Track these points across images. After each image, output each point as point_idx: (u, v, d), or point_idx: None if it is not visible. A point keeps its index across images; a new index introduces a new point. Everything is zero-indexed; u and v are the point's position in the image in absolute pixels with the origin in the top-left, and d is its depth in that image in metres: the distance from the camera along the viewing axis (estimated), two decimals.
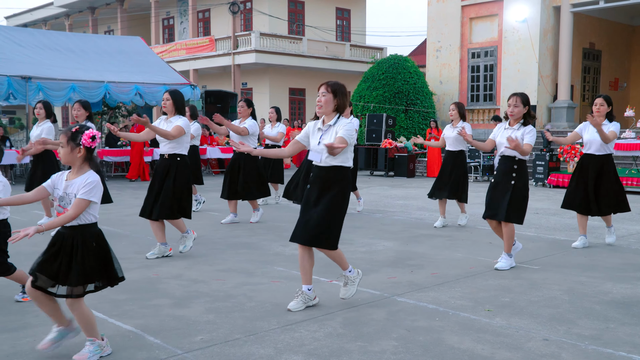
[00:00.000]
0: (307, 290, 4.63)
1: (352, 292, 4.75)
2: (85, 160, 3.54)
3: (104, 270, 3.59)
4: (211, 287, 5.20)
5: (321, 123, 4.65)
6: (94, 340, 3.59)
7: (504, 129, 6.06)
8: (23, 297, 4.82)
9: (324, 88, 4.55)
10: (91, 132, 3.51)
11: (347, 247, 7.01)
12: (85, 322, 3.56)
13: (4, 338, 3.91)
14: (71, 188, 3.50)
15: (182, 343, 3.84)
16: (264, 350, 3.72)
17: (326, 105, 4.54)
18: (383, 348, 3.77)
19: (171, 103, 6.34)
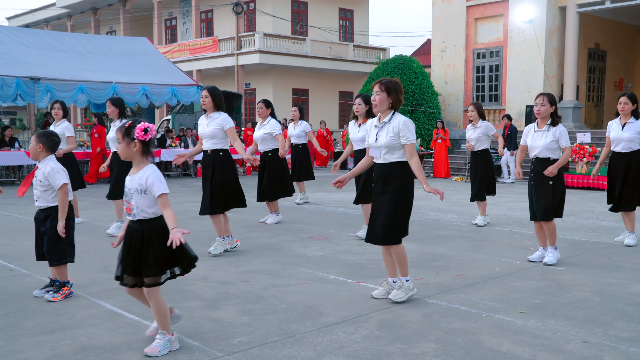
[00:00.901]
0: (393, 282, 4.93)
1: (402, 298, 4.77)
2: (143, 154, 3.64)
3: (176, 259, 3.69)
4: (240, 289, 5.19)
5: (377, 120, 4.76)
6: (165, 334, 3.69)
7: (534, 131, 6.08)
8: (53, 297, 4.82)
9: (377, 87, 4.67)
10: (143, 125, 3.59)
11: (369, 247, 7.01)
12: (159, 313, 3.69)
13: (42, 340, 3.90)
14: (132, 184, 3.63)
15: (221, 345, 3.84)
16: (304, 353, 3.72)
17: (381, 104, 4.66)
18: (423, 350, 3.76)
19: (210, 100, 6.42)
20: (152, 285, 3.66)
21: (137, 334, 4.04)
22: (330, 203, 11.50)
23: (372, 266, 6.10)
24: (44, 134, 4.87)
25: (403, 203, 4.73)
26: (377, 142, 4.72)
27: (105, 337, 3.98)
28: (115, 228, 7.76)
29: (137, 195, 3.62)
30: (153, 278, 3.65)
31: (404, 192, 4.72)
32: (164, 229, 3.64)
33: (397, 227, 4.72)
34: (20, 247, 6.93)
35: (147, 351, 3.65)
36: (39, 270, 5.78)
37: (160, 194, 3.59)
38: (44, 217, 4.88)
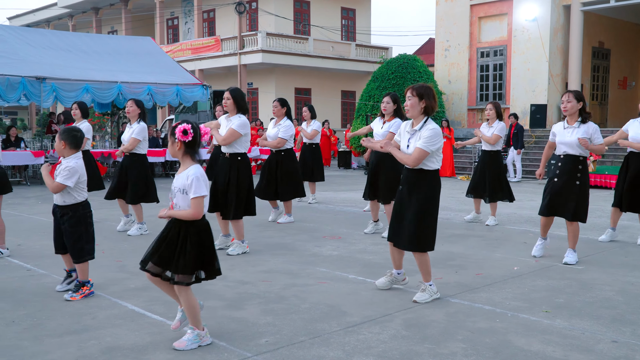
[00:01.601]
0: (397, 273, 5.11)
1: (427, 299, 4.77)
2: (186, 154, 3.69)
3: (205, 263, 3.73)
4: (260, 289, 5.16)
5: (410, 126, 4.75)
6: (194, 328, 3.71)
7: (564, 128, 6.06)
8: (72, 297, 4.79)
9: (409, 92, 4.68)
10: (183, 127, 3.61)
11: (383, 247, 6.98)
12: (190, 310, 3.71)
13: (68, 340, 3.87)
14: (176, 182, 3.70)
15: (249, 345, 3.81)
16: (333, 353, 3.69)
17: (412, 109, 4.65)
18: (452, 350, 3.73)
19: (232, 102, 6.35)
20: (181, 284, 3.67)
21: (162, 334, 4.02)
22: (339, 202, 11.47)
23: (390, 266, 6.03)
24: (65, 130, 4.87)
25: (429, 211, 4.70)
26: (409, 149, 4.72)
27: (130, 337, 3.95)
28: (137, 230, 7.70)
29: (179, 195, 3.69)
30: (183, 276, 3.67)
31: (430, 200, 4.69)
32: (202, 231, 3.71)
33: (424, 236, 4.70)
34: (33, 247, 6.90)
35: (175, 345, 3.69)
36: (57, 270, 5.75)
37: (194, 197, 3.63)
38: (60, 214, 4.86)
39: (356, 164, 23.03)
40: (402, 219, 4.75)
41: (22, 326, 4.14)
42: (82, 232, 4.87)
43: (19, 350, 3.70)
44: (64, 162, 4.81)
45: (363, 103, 22.33)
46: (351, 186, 15.22)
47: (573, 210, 6.00)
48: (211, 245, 3.77)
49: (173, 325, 3.92)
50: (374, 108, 21.68)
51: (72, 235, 4.80)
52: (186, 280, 3.68)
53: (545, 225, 6.33)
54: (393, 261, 5.06)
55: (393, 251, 4.99)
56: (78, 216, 4.83)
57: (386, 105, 7.37)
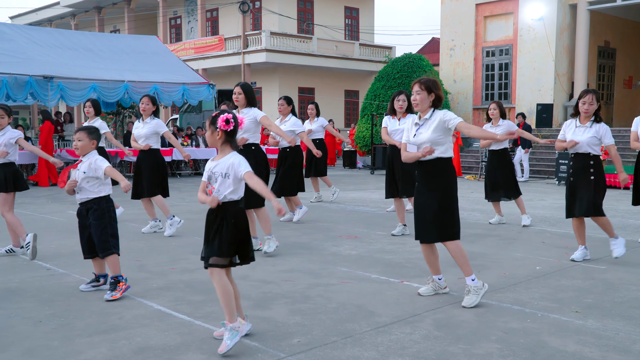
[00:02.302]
0: (438, 279, 4.94)
1: (475, 302, 4.62)
2: (226, 142, 3.78)
3: (240, 248, 3.76)
4: (283, 288, 5.12)
5: (418, 118, 4.74)
6: (226, 323, 3.68)
7: (575, 127, 6.02)
8: (112, 296, 4.75)
9: (417, 87, 4.65)
10: (226, 116, 3.71)
11: (400, 247, 6.96)
12: (225, 299, 3.71)
13: (98, 340, 3.82)
14: (217, 168, 3.74)
15: (281, 346, 3.77)
16: (367, 354, 3.65)
17: (422, 103, 4.66)
18: (487, 351, 3.69)
19: (243, 97, 6.38)
20: (214, 266, 3.70)
21: (192, 334, 3.98)
22: (350, 202, 11.42)
23: (410, 265, 6.03)
24: (95, 129, 4.84)
25: (450, 199, 4.70)
26: (416, 138, 4.70)
27: (160, 337, 3.90)
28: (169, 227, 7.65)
29: (221, 179, 3.73)
30: (217, 258, 3.70)
31: (449, 188, 4.69)
32: (237, 214, 3.76)
33: (451, 224, 4.69)
34: (50, 247, 6.86)
35: (219, 351, 3.63)
36: (76, 269, 5.72)
37: (245, 171, 3.70)
38: (86, 211, 4.83)
39: (361, 164, 22.99)
40: (426, 214, 4.72)
41: (50, 326, 4.10)
42: (107, 224, 4.85)
43: (49, 350, 3.66)
44: (86, 160, 4.77)
45: (368, 102, 22.29)
46: (359, 185, 15.19)
47: (593, 207, 5.96)
48: (246, 230, 3.79)
49: (217, 332, 3.92)
50: (380, 107, 21.64)
51: (98, 228, 4.78)
52: (220, 262, 3.71)
53: (577, 228, 6.23)
54: (429, 265, 4.96)
55: (427, 252, 4.91)
56: (102, 209, 4.82)
57: (402, 104, 7.42)
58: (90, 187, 4.80)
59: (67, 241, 7.19)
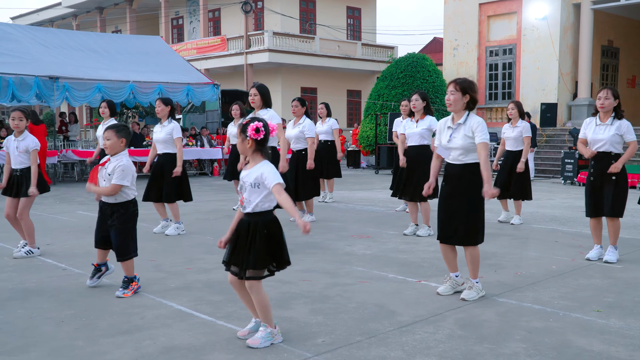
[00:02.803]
0: (455, 276, 4.94)
1: (474, 297, 4.77)
2: (257, 151, 3.71)
3: (276, 255, 3.73)
4: (301, 288, 5.11)
5: (451, 121, 4.74)
6: (267, 326, 3.71)
7: (595, 125, 6.00)
8: (124, 293, 4.76)
9: (452, 86, 4.65)
10: (255, 125, 3.64)
11: (414, 246, 6.95)
12: (261, 306, 3.71)
13: (122, 340, 3.81)
14: (247, 177, 3.69)
15: (306, 345, 3.76)
16: (394, 353, 3.64)
17: (455, 104, 4.63)
18: (514, 350, 3.68)
19: (259, 98, 6.39)
20: (253, 279, 3.67)
21: (216, 334, 3.97)
22: (357, 201, 11.42)
23: (426, 265, 6.02)
24: (123, 127, 4.82)
25: (478, 204, 4.71)
26: (450, 143, 4.71)
27: (184, 337, 3.90)
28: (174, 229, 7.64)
29: (250, 189, 3.68)
30: (254, 271, 3.67)
31: (478, 192, 4.68)
32: (271, 223, 3.72)
33: (476, 229, 4.71)
34: (64, 246, 6.86)
35: (249, 342, 3.69)
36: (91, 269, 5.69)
37: (274, 184, 3.62)
38: (110, 212, 4.81)
39: (365, 163, 22.99)
40: (451, 216, 4.73)
41: (73, 326, 4.09)
42: (131, 229, 4.86)
43: (75, 350, 3.65)
44: (114, 161, 4.76)
45: (372, 102, 22.27)
46: (364, 185, 15.18)
47: (610, 206, 5.94)
48: (280, 236, 3.75)
49: (241, 332, 3.91)
50: (383, 107, 21.63)
51: (122, 233, 4.77)
52: (258, 274, 3.69)
53: (595, 228, 6.23)
54: (447, 263, 4.99)
55: (446, 251, 4.93)
56: (129, 214, 4.82)
57: (415, 103, 7.40)
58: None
59: (81, 241, 7.18)
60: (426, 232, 7.59)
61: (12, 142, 6.24)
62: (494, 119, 22.54)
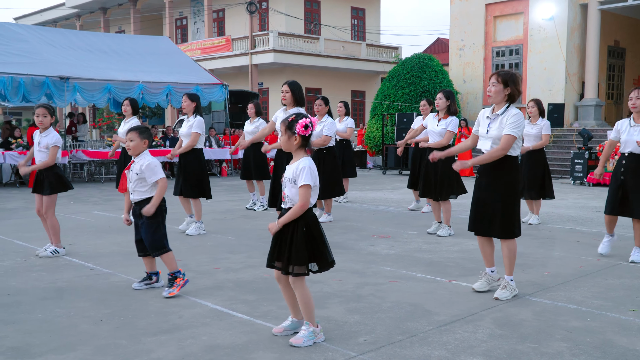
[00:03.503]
0: (491, 272, 4.97)
1: (508, 296, 4.76)
2: (301, 147, 3.69)
3: (316, 255, 3.70)
4: (333, 287, 5.11)
5: (490, 111, 4.75)
6: (310, 325, 3.72)
7: (630, 127, 6.01)
8: (170, 292, 4.76)
9: (494, 78, 4.67)
10: (305, 121, 3.63)
11: (436, 246, 6.95)
12: (305, 303, 3.72)
13: (165, 339, 3.81)
14: (287, 173, 3.70)
15: (349, 344, 3.76)
16: (437, 352, 3.64)
17: (495, 95, 4.66)
18: (557, 350, 3.69)
19: (290, 95, 6.39)
20: (298, 275, 3.67)
21: (256, 333, 3.96)
22: (371, 201, 11.42)
23: (452, 264, 6.03)
24: (145, 129, 4.84)
25: (514, 196, 4.73)
26: (489, 133, 4.71)
27: (225, 336, 3.89)
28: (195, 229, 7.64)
29: (289, 185, 3.69)
30: (299, 267, 3.66)
31: (514, 186, 4.71)
32: (309, 220, 3.69)
33: (512, 221, 4.73)
34: (87, 246, 6.85)
35: (292, 341, 3.69)
36: (120, 269, 5.71)
37: (302, 184, 3.61)
38: (140, 211, 4.81)
39: (371, 164, 22.98)
40: (487, 209, 4.75)
41: (112, 325, 4.09)
42: (160, 223, 4.85)
43: (119, 349, 3.65)
44: (139, 161, 4.77)
45: (378, 102, 22.28)
46: (374, 185, 15.18)
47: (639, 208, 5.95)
48: (321, 237, 3.73)
49: (276, 329, 3.92)
50: (390, 107, 21.64)
51: (150, 227, 4.77)
52: (302, 270, 3.68)
53: (609, 222, 6.29)
54: (484, 257, 5.01)
55: (483, 245, 4.96)
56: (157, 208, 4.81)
57: (439, 102, 7.46)
58: (141, 187, 4.79)
59: (103, 241, 7.19)
60: (446, 232, 7.59)
61: (37, 137, 6.25)
62: None
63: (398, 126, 19.83)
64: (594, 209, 10.35)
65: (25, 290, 4.96)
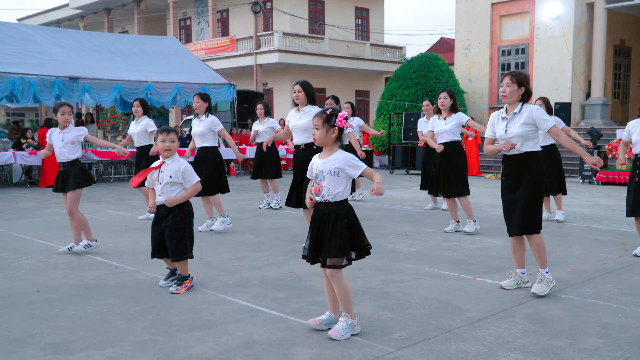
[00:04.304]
0: (521, 273, 4.96)
1: (545, 291, 4.75)
2: (336, 141, 3.76)
3: (356, 243, 3.77)
4: (359, 285, 5.12)
5: (505, 112, 4.73)
6: (348, 317, 3.75)
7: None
8: (177, 289, 4.78)
9: (508, 79, 4.68)
10: (344, 114, 3.71)
11: (456, 244, 6.96)
12: (343, 294, 3.76)
13: (200, 335, 3.82)
14: (324, 166, 3.73)
15: (384, 340, 3.77)
16: (474, 348, 3.65)
17: (511, 95, 4.69)
18: (593, 345, 3.69)
19: (303, 94, 6.42)
20: (334, 267, 3.71)
21: (291, 329, 3.97)
22: (383, 200, 11.42)
23: (475, 262, 6.03)
24: (176, 130, 4.85)
25: (539, 192, 4.74)
26: (508, 133, 4.72)
27: (260, 332, 3.90)
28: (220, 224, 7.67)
29: (329, 177, 3.72)
30: (336, 259, 3.70)
31: (539, 181, 4.72)
32: (349, 212, 3.75)
33: (536, 217, 4.72)
34: (107, 245, 6.86)
35: (330, 334, 3.72)
36: (144, 267, 5.72)
37: (364, 168, 3.75)
38: (166, 213, 4.81)
39: (377, 163, 22.98)
40: (514, 207, 4.77)
41: (146, 321, 4.10)
42: (186, 228, 4.84)
43: (157, 345, 3.66)
44: (171, 163, 4.77)
45: (384, 102, 22.30)
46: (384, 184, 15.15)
47: None
48: (358, 224, 3.79)
49: (312, 321, 3.95)
50: (396, 107, 21.65)
51: (176, 233, 4.76)
52: (339, 263, 3.72)
53: None
54: (516, 258, 5.02)
55: (515, 245, 4.98)
56: (183, 213, 4.81)
57: (444, 101, 7.49)
58: (173, 191, 4.78)
59: (122, 239, 7.21)
60: (472, 227, 7.60)
61: (57, 134, 6.26)
62: None
63: (405, 125, 19.84)
64: (607, 207, 10.36)
65: (53, 288, 4.97)
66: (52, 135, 6.31)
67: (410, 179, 17.14)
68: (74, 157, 6.20)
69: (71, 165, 6.17)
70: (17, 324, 4.05)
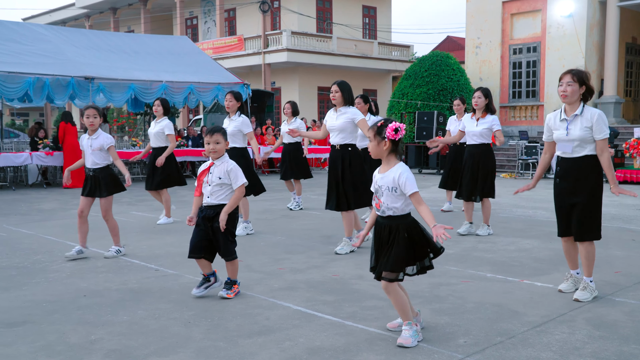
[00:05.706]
0: (576, 273, 4.94)
1: (588, 298, 4.68)
2: (392, 152, 3.66)
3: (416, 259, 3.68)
4: (408, 288, 4.94)
5: (564, 113, 4.62)
6: (412, 324, 3.70)
7: None
8: (227, 294, 4.71)
9: (569, 77, 4.57)
10: (394, 125, 3.58)
11: (492, 245, 6.89)
12: (399, 306, 3.72)
13: (262, 341, 3.74)
14: (383, 181, 3.65)
15: (450, 346, 3.69)
16: (544, 354, 3.57)
17: (572, 95, 4.58)
18: None
19: (340, 95, 6.34)
20: (389, 280, 3.64)
21: (352, 335, 3.89)
22: None
23: (517, 264, 5.96)
24: (224, 129, 4.77)
25: (598, 197, 4.64)
26: (569, 135, 4.61)
27: (322, 338, 3.83)
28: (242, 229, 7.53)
29: (387, 193, 3.63)
30: (390, 273, 3.63)
31: (599, 187, 4.63)
32: (410, 227, 3.64)
33: (594, 225, 4.66)
34: (141, 247, 6.80)
35: (401, 342, 3.65)
36: (184, 270, 5.65)
37: (413, 192, 3.59)
38: (214, 214, 4.72)
39: None
40: (570, 211, 4.69)
41: (202, 327, 4.03)
42: (232, 229, 4.77)
43: (220, 351, 3.59)
44: (220, 164, 4.69)
45: (395, 101, 22.20)
46: None
47: None
48: (421, 240, 3.67)
49: (390, 324, 3.97)
50: (407, 106, 21.56)
51: (226, 232, 4.68)
52: (391, 277, 3.65)
53: None
54: (569, 260, 4.95)
55: (568, 247, 4.90)
56: (232, 213, 4.73)
57: (477, 100, 7.35)
58: (223, 192, 4.69)
59: (154, 241, 7.14)
60: (486, 231, 7.52)
61: (86, 140, 6.19)
62: (517, 117, 22.49)
63: (418, 124, 19.76)
64: (633, 207, 10.27)
65: (99, 292, 4.90)
66: (83, 142, 6.24)
67: (424, 178, 17.05)
68: (103, 163, 6.12)
69: (101, 171, 6.10)
70: (73, 329, 3.98)
